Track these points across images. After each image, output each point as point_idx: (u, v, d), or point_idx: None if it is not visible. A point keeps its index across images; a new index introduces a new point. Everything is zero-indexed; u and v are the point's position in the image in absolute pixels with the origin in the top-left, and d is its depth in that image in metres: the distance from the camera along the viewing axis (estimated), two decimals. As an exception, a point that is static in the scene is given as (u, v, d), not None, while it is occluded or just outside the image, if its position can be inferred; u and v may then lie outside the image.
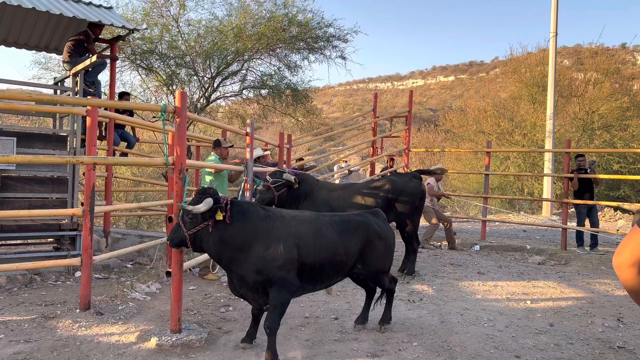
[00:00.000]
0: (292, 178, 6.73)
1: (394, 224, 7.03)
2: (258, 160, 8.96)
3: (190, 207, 3.82)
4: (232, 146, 6.94)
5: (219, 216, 3.85)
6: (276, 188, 6.83)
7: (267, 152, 8.63)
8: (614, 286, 6.74)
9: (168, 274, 4.41)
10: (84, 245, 4.89)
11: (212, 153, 7.00)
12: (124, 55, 11.77)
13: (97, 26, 7.31)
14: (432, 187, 9.79)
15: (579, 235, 9.49)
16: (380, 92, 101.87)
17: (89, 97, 4.79)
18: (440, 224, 9.86)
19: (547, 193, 15.66)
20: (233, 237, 3.87)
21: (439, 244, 10.06)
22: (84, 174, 5.95)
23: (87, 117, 4.88)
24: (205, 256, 5.94)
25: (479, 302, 5.83)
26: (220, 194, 4.00)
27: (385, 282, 4.65)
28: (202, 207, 3.80)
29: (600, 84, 18.86)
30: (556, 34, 16.93)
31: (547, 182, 15.36)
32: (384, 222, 4.60)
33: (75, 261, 4.96)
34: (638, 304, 1.88)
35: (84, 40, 7.34)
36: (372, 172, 12.44)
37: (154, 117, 7.92)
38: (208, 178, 6.70)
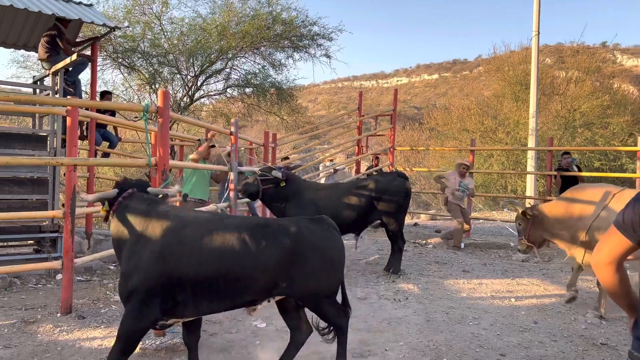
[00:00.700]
0: (279, 175, 6.75)
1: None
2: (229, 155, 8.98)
3: (82, 195, 3.40)
4: (213, 146, 6.88)
5: (102, 210, 3.41)
6: (262, 182, 6.85)
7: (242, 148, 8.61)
8: (596, 282, 6.82)
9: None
10: (65, 247, 4.80)
11: (195, 151, 6.98)
12: (105, 53, 11.59)
13: (65, 20, 7.12)
14: (453, 183, 9.16)
15: None
16: (365, 90, 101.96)
17: (69, 97, 4.68)
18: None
19: (530, 191, 15.81)
20: (113, 238, 3.32)
21: (424, 241, 10.09)
22: (64, 174, 5.85)
23: (68, 117, 4.78)
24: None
25: (464, 300, 5.86)
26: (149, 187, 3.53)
27: (330, 313, 3.47)
28: (90, 197, 3.45)
29: (582, 83, 19.12)
30: (538, 33, 17.06)
31: (530, 180, 15.49)
32: (326, 230, 3.56)
33: (56, 264, 4.87)
34: (615, 301, 1.91)
35: (57, 36, 7.18)
36: (358, 171, 12.44)
37: (136, 116, 7.83)
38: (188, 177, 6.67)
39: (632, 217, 1.75)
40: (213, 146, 6.89)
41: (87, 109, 7.71)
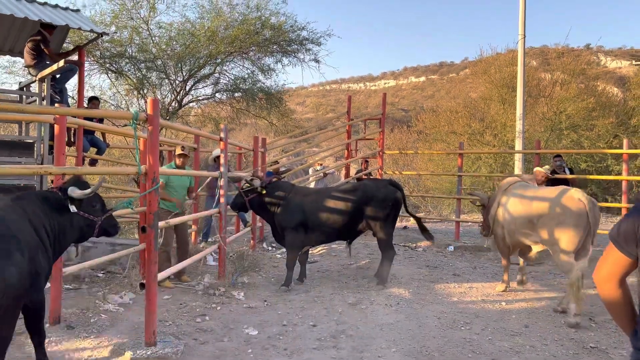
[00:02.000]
0: (257, 184, 6.75)
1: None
2: (217, 160, 9.00)
3: None
4: (187, 156, 6.83)
5: None
6: (245, 193, 6.85)
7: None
8: (586, 286, 6.87)
9: (142, 286, 4.31)
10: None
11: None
12: (92, 58, 11.48)
13: (50, 26, 7.04)
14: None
15: None
16: (353, 92, 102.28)
17: (56, 104, 4.62)
18: None
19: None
20: None
21: (414, 245, 10.12)
22: (52, 181, 5.78)
23: (55, 125, 4.72)
24: (180, 265, 5.87)
25: (455, 304, 5.89)
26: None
27: None
28: None
29: (567, 85, 19.32)
30: (524, 36, 17.25)
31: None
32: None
33: (44, 274, 4.78)
34: (615, 319, 1.91)
35: (41, 41, 7.08)
36: (348, 175, 12.45)
37: (126, 124, 7.77)
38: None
39: (626, 230, 1.75)
40: (186, 155, 6.84)
41: (74, 116, 7.68)
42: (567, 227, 5.30)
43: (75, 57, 7.63)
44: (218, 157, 8.57)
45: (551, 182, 9.80)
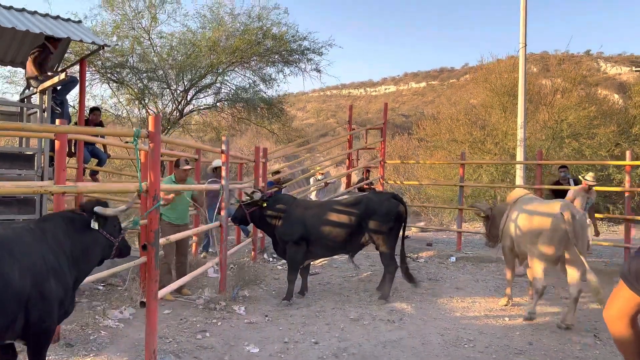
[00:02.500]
0: (258, 196, 6.74)
1: None
2: (216, 170, 8.99)
3: None
4: (191, 168, 6.82)
5: None
6: (246, 206, 6.82)
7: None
8: (588, 299, 6.84)
9: (142, 304, 4.27)
10: (53, 274, 4.68)
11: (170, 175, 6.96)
12: (93, 68, 11.48)
13: (55, 39, 7.03)
14: (581, 202, 8.04)
15: None
16: (353, 98, 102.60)
17: (57, 120, 4.60)
18: None
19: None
20: None
21: (416, 255, 10.06)
22: (52, 193, 5.73)
23: (56, 141, 4.69)
24: (182, 280, 5.82)
25: (458, 320, 5.83)
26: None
27: None
28: None
29: (568, 94, 19.30)
30: (525, 45, 17.26)
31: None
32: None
33: (44, 291, 4.74)
34: (624, 355, 1.87)
35: (42, 52, 7.05)
36: (349, 184, 12.42)
37: (127, 141, 7.76)
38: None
39: (637, 268, 1.71)
40: (191, 168, 6.84)
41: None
42: (544, 242, 5.69)
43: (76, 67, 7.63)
44: (217, 167, 8.60)
45: (554, 193, 9.79)
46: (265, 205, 6.73)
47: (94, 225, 3.58)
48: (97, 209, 3.61)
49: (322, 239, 6.60)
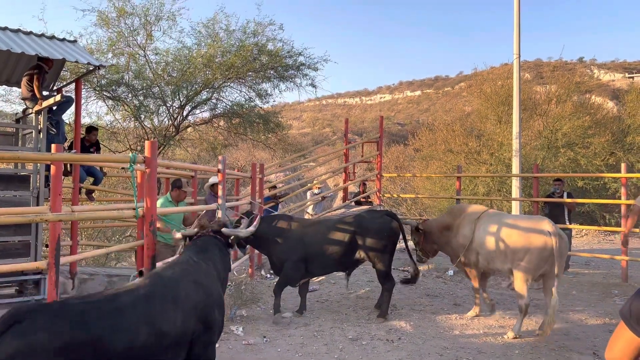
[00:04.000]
0: (244, 232, 6.66)
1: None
2: (213, 187, 8.95)
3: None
4: (185, 192, 6.81)
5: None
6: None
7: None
8: (587, 315, 6.84)
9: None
10: (49, 300, 4.65)
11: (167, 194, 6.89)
12: (89, 85, 11.48)
13: (48, 59, 7.02)
14: None
15: None
16: (349, 107, 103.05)
17: (53, 145, 4.57)
18: None
19: (515, 213, 15.93)
20: None
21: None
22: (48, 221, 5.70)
23: (52, 166, 4.67)
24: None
25: (457, 339, 5.81)
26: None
27: None
28: None
29: (563, 104, 19.43)
30: (519, 56, 17.38)
31: (515, 205, 15.64)
32: None
33: (40, 317, 4.70)
34: None
35: (36, 75, 7.03)
36: (345, 198, 12.42)
37: (123, 167, 7.74)
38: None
39: (638, 310, 1.70)
40: (184, 192, 6.82)
41: (71, 148, 7.64)
42: (530, 258, 5.80)
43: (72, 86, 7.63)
44: (214, 184, 8.52)
45: (548, 205, 9.85)
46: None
47: (235, 248, 3.74)
48: (240, 231, 3.88)
49: (320, 258, 6.60)
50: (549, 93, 21.32)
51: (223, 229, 3.77)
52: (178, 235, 3.93)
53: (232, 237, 3.86)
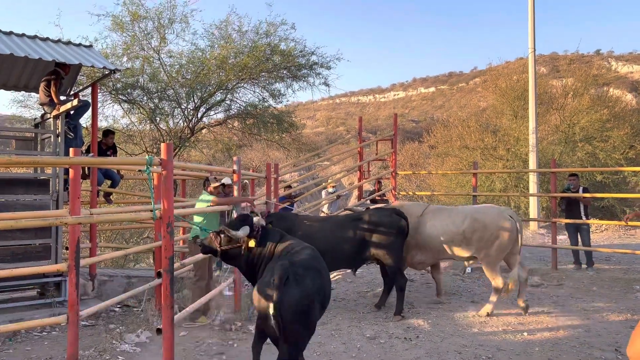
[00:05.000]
0: (263, 223, 6.74)
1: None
2: (225, 187, 8.96)
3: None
4: (222, 185, 6.83)
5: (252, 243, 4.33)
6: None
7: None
8: (608, 311, 6.74)
9: (159, 331, 4.28)
10: (70, 301, 4.72)
11: (203, 192, 6.92)
12: (105, 89, 11.63)
13: (65, 64, 7.12)
14: None
15: (575, 254, 9.68)
16: (362, 105, 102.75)
17: (71, 149, 4.65)
18: None
19: (533, 209, 15.78)
20: None
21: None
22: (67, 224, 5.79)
23: (70, 169, 4.75)
24: (196, 304, 5.80)
25: (475, 337, 5.76)
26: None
27: None
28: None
29: (580, 97, 19.15)
30: (534, 50, 17.18)
31: (532, 201, 15.50)
32: None
33: (62, 319, 4.78)
34: None
35: (54, 79, 7.14)
36: (360, 197, 12.40)
37: (140, 170, 7.82)
38: (198, 219, 6.59)
39: None
40: (222, 185, 6.88)
41: (88, 152, 7.75)
42: (503, 242, 6.57)
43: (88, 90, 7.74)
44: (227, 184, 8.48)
45: (565, 199, 9.73)
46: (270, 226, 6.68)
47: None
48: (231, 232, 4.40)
49: (327, 255, 6.60)
50: (565, 87, 21.03)
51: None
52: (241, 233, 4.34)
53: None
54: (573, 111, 18.90)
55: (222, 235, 4.37)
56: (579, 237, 9.65)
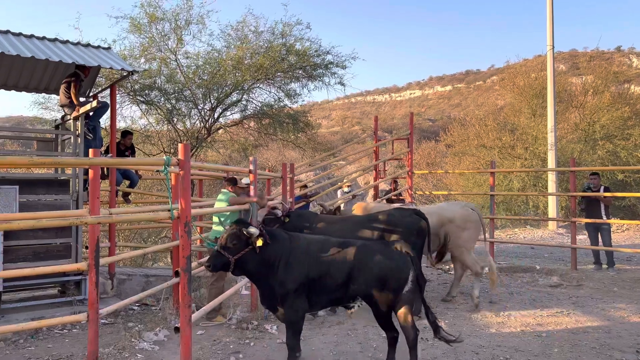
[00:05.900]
0: (279, 213, 6.85)
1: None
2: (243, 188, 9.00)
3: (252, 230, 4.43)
4: (248, 185, 6.88)
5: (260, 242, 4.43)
6: (268, 223, 6.84)
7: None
8: (629, 312, 6.63)
9: (176, 330, 4.33)
10: (90, 300, 4.80)
11: (223, 191, 6.91)
12: (123, 91, 11.78)
13: (85, 67, 7.23)
14: None
15: (595, 255, 9.56)
16: (378, 104, 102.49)
17: (90, 150, 4.74)
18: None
19: (552, 208, 15.58)
20: None
21: (447, 267, 9.92)
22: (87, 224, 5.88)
23: (90, 170, 4.82)
24: (212, 303, 5.85)
25: (493, 337, 5.72)
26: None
27: None
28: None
29: (600, 94, 18.85)
30: (553, 47, 16.96)
31: (551, 200, 15.31)
32: None
33: (82, 317, 4.86)
34: None
35: (74, 81, 7.25)
36: (376, 196, 12.37)
37: (157, 170, 7.90)
38: (216, 218, 6.65)
39: None
40: (248, 184, 6.94)
41: (107, 152, 7.86)
42: (472, 231, 7.25)
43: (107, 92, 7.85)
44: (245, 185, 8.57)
45: (585, 199, 9.59)
46: (287, 220, 6.70)
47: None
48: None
49: None
50: (585, 84, 20.72)
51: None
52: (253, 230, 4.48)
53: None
54: (593, 109, 18.60)
55: (228, 245, 4.45)
56: (599, 237, 9.51)
